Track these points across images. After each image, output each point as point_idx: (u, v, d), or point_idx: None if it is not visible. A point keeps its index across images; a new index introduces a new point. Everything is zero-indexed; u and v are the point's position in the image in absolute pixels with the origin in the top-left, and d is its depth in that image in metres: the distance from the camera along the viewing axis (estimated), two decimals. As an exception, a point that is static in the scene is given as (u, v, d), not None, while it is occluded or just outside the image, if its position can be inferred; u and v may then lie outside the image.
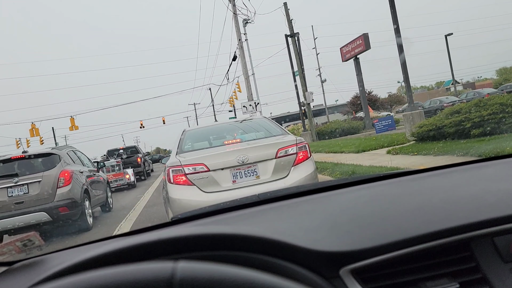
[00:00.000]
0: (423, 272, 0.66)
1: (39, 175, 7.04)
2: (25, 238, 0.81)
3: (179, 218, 1.06)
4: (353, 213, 0.81)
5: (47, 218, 6.78)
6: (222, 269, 0.31)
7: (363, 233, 0.69)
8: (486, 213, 0.69)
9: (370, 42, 24.12)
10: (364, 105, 25.73)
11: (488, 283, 0.64)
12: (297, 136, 4.93)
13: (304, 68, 24.71)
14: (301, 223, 0.78)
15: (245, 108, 18.53)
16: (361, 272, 0.64)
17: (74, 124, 28.96)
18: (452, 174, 1.01)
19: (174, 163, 4.41)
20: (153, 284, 0.30)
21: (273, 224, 0.80)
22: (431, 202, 0.79)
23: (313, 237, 0.69)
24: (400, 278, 0.65)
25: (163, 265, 0.32)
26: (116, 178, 14.65)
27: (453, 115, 9.71)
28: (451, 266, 0.66)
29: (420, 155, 8.74)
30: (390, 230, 0.69)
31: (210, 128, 6.10)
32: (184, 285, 0.30)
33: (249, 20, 20.27)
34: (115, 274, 0.31)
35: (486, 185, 0.85)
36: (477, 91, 28.17)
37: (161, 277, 0.31)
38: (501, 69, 69.27)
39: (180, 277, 0.31)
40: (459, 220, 0.68)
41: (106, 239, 0.92)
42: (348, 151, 12.98)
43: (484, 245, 0.67)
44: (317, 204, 0.92)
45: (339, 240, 0.68)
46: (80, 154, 9.24)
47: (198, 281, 0.30)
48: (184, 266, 0.32)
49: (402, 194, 0.89)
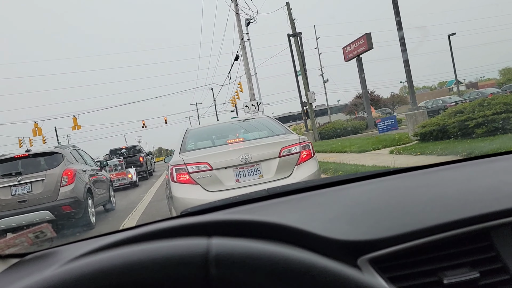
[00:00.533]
0: (442, 261, 0.65)
1: (42, 174, 7.05)
2: (37, 230, 0.81)
3: (189, 212, 1.06)
4: (367, 205, 0.80)
5: (50, 217, 6.80)
6: (258, 246, 0.31)
7: (380, 223, 0.69)
8: (505, 203, 0.68)
9: (372, 41, 24.08)
10: (366, 105, 25.69)
11: (509, 272, 0.63)
12: (300, 136, 4.92)
13: (307, 68, 24.70)
14: (314, 214, 0.77)
15: (247, 108, 18.52)
16: (380, 262, 0.64)
17: (76, 124, 29.03)
18: (464, 168, 1.00)
19: (178, 162, 4.41)
20: (188, 259, 0.30)
21: (285, 215, 0.80)
22: (447, 193, 0.78)
23: (329, 226, 0.68)
24: (419, 267, 0.64)
25: (197, 241, 0.31)
26: (118, 177, 14.67)
27: (456, 114, 9.68)
28: (471, 256, 0.65)
29: (424, 155, 8.71)
30: (408, 220, 0.68)
31: (213, 127, 6.10)
32: (220, 260, 0.30)
33: (252, 19, 20.27)
34: (148, 249, 0.30)
35: (502, 177, 0.84)
36: (480, 91, 28.11)
37: (197, 252, 0.30)
38: (504, 69, 69.04)
39: (215, 253, 0.30)
40: (478, 210, 0.67)
41: (119, 232, 0.91)
42: (351, 151, 12.95)
43: (504, 234, 0.66)
44: (329, 197, 0.91)
45: (356, 230, 0.67)
46: (83, 153, 9.25)
47: (234, 257, 0.30)
48: (219, 242, 0.31)
49: (416, 186, 0.89)
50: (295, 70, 24.96)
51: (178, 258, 0.30)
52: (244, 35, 20.34)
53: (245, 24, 20.52)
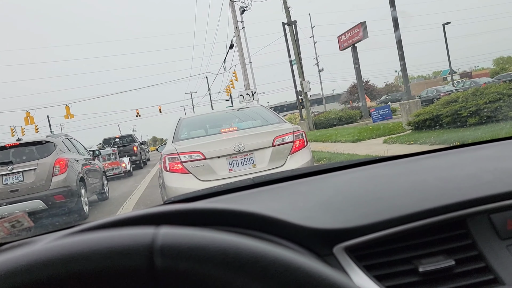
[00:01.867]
0: (418, 249, 0.65)
1: (34, 163, 7.00)
2: (13, 219, 0.79)
3: (172, 201, 1.05)
4: (347, 193, 0.80)
5: (42, 206, 6.77)
6: (207, 234, 0.30)
7: (358, 211, 0.68)
8: (482, 191, 0.68)
9: (368, 30, 23.97)
10: (361, 94, 25.69)
11: (484, 259, 0.63)
12: (294, 125, 4.91)
13: (302, 57, 24.57)
14: (295, 203, 0.76)
15: (242, 97, 18.46)
16: (355, 250, 0.63)
17: (69, 113, 28.76)
18: (448, 156, 1.00)
19: (170, 151, 4.39)
20: (132, 249, 0.29)
21: (266, 203, 0.79)
22: (426, 180, 0.78)
23: (307, 215, 0.67)
24: (395, 255, 0.64)
25: (143, 231, 0.30)
26: (112, 166, 14.62)
27: (450, 104, 9.72)
28: (447, 244, 0.65)
29: (417, 144, 8.76)
30: (385, 208, 0.68)
31: (206, 116, 6.07)
32: (165, 250, 0.29)
33: (246, 7, 20.07)
34: (91, 239, 0.29)
35: (483, 165, 0.84)
36: (474, 81, 28.20)
37: (141, 242, 0.29)
38: (498, 58, 69.21)
39: (161, 242, 0.29)
40: (455, 198, 0.67)
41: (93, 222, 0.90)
42: (345, 140, 12.98)
43: (481, 222, 0.66)
44: (312, 186, 0.91)
45: (333, 218, 0.66)
46: (76, 142, 9.19)
47: (181, 247, 0.29)
48: (167, 232, 0.30)
49: (397, 174, 0.88)
50: (290, 59, 24.83)
51: (121, 248, 0.28)
52: (238, 23, 20.17)
53: (239, 12, 20.32)
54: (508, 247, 0.64)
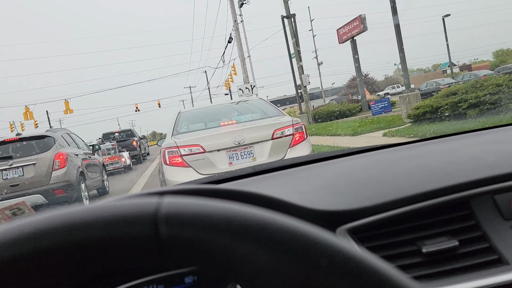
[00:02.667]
0: (421, 231, 0.64)
1: (33, 158, 7.00)
2: (14, 207, 0.79)
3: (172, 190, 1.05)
4: (349, 177, 0.79)
5: (42, 201, 6.78)
6: (212, 203, 0.29)
7: (360, 193, 0.68)
8: (486, 172, 0.67)
9: (367, 23, 23.86)
10: (360, 87, 25.64)
11: (488, 240, 0.63)
12: (294, 118, 4.91)
13: (301, 51, 24.48)
14: (296, 187, 0.76)
15: (241, 91, 18.42)
16: (358, 232, 0.63)
17: (68, 108, 28.71)
18: (450, 141, 1.00)
19: (170, 145, 4.39)
20: (136, 217, 0.28)
21: (268, 188, 0.79)
22: (429, 163, 0.78)
23: (309, 198, 0.67)
24: (398, 237, 0.63)
25: (148, 200, 0.30)
26: (111, 161, 14.62)
27: (449, 96, 9.70)
28: (451, 225, 0.65)
29: (416, 137, 8.76)
30: (388, 190, 0.67)
31: (206, 110, 6.06)
32: (170, 218, 0.28)
33: (245, 1, 19.96)
34: (94, 208, 0.29)
35: (485, 147, 0.83)
36: (474, 73, 28.14)
37: (145, 211, 0.29)
38: (498, 51, 69.03)
39: (166, 211, 0.29)
40: (458, 179, 0.66)
41: None
42: (345, 133, 12.98)
43: (484, 203, 0.66)
44: (314, 171, 0.90)
45: (335, 201, 0.66)
46: (75, 137, 9.18)
47: (186, 214, 0.28)
48: (171, 201, 0.30)
49: (399, 158, 0.88)
50: (289, 52, 24.75)
51: (125, 217, 0.28)
52: (237, 17, 20.07)
53: (238, 5, 20.21)
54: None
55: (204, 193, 0.55)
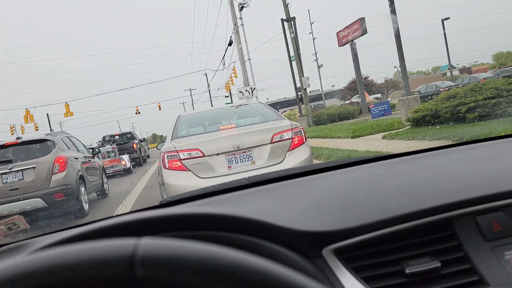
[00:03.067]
0: (405, 251, 0.66)
1: (33, 161, 7.01)
2: (10, 222, 0.81)
3: (168, 201, 1.06)
4: (338, 194, 0.81)
5: (42, 204, 6.78)
6: (187, 245, 0.31)
7: (347, 213, 0.69)
8: (468, 193, 0.69)
9: (366, 26, 23.91)
10: (360, 90, 25.66)
11: (470, 261, 0.64)
12: (293, 121, 4.92)
13: (301, 53, 24.52)
14: (286, 204, 0.77)
15: (241, 93, 18.44)
16: (344, 252, 0.64)
17: (69, 110, 28.75)
18: (439, 156, 1.01)
19: (169, 149, 4.40)
20: (114, 260, 0.30)
21: (259, 205, 0.80)
22: (414, 182, 0.79)
23: (297, 217, 0.68)
24: (382, 257, 0.65)
25: (125, 242, 0.31)
26: (111, 164, 14.64)
27: (448, 99, 9.71)
28: (434, 245, 0.66)
29: (416, 139, 8.76)
30: (373, 209, 0.69)
31: (205, 114, 6.08)
32: (146, 261, 0.30)
33: (245, 4, 20.01)
34: (75, 250, 0.30)
35: (472, 166, 0.85)
36: (473, 76, 28.17)
37: (122, 253, 0.30)
38: (498, 53, 69.08)
39: (142, 254, 0.30)
40: (442, 200, 0.68)
41: (92, 222, 0.91)
42: (344, 136, 12.99)
43: (467, 224, 0.67)
44: (305, 186, 0.92)
45: (322, 220, 0.67)
46: (75, 140, 9.19)
47: (160, 258, 0.30)
48: (147, 243, 0.31)
49: (387, 175, 0.89)
50: (289, 55, 24.79)
51: (103, 259, 0.30)
52: (237, 20, 20.11)
53: (238, 9, 20.26)
54: (494, 249, 0.65)
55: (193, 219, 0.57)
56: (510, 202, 0.68)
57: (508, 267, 0.62)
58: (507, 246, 0.65)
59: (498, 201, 0.68)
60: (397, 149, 7.88)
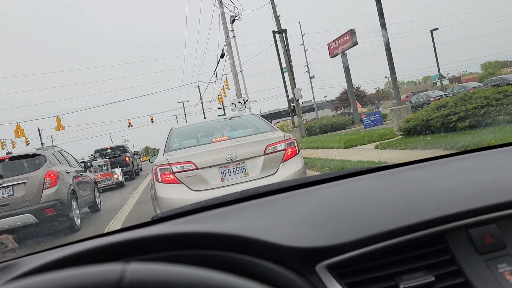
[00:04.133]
0: (399, 265, 0.65)
1: (24, 177, 6.92)
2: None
3: (160, 217, 1.05)
4: (331, 208, 0.80)
5: (33, 220, 6.68)
6: (175, 270, 0.30)
7: (340, 228, 0.69)
8: (461, 205, 0.69)
9: (357, 38, 24.22)
10: (352, 100, 25.87)
11: (463, 275, 0.63)
12: (286, 133, 4.93)
13: (293, 65, 24.73)
14: (279, 219, 0.77)
15: (234, 105, 18.48)
16: (338, 268, 0.64)
17: (60, 124, 28.53)
18: (431, 167, 1.01)
19: (162, 162, 4.38)
20: (102, 287, 0.29)
21: (251, 221, 0.79)
22: (408, 195, 0.79)
23: (290, 233, 0.68)
24: (376, 272, 0.64)
25: (112, 268, 0.31)
26: (104, 178, 14.51)
27: (439, 109, 9.82)
28: (427, 259, 0.66)
29: (408, 149, 8.82)
30: (367, 224, 0.68)
31: (198, 126, 6.08)
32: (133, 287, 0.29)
33: (237, 17, 20.20)
34: (61, 278, 0.29)
35: (463, 177, 0.85)
36: (463, 85, 28.58)
37: (110, 280, 0.29)
38: (486, 63, 70.32)
39: (129, 280, 0.29)
40: (434, 213, 0.67)
41: (81, 241, 0.90)
42: (337, 146, 13.04)
43: (459, 237, 0.67)
44: (297, 200, 0.91)
45: (315, 236, 0.67)
46: (66, 154, 9.11)
47: (148, 284, 0.29)
48: (135, 268, 0.30)
49: (380, 187, 0.89)
50: (281, 67, 24.99)
51: (91, 286, 0.29)
52: (229, 32, 20.26)
53: (230, 21, 20.43)
54: (487, 262, 0.65)
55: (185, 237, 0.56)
56: (502, 214, 0.68)
57: (502, 280, 0.62)
58: (500, 259, 0.65)
59: (490, 214, 0.68)
60: (390, 159, 7.91)
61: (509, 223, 0.68)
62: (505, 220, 0.68)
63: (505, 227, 0.68)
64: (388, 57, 12.26)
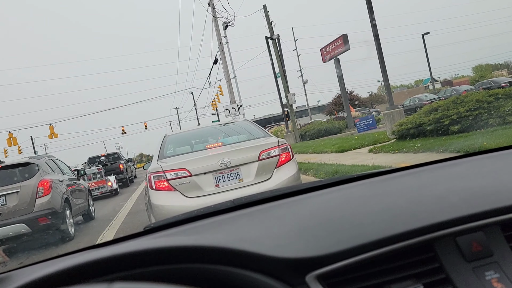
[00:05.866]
0: (388, 274, 0.66)
1: (17, 186, 6.86)
2: (-12, 255, 0.78)
3: (152, 228, 1.05)
4: (322, 217, 0.81)
5: (26, 230, 6.60)
6: None
7: (330, 237, 0.69)
8: (448, 213, 0.70)
9: (349, 42, 24.40)
10: (345, 105, 26.00)
11: (452, 283, 0.64)
12: (280, 138, 4.94)
13: (286, 70, 24.83)
14: (270, 229, 0.77)
15: (227, 111, 18.49)
16: (327, 277, 0.64)
17: (53, 132, 28.35)
18: (421, 174, 1.02)
19: (156, 169, 4.36)
20: None
21: (242, 231, 0.80)
22: (397, 203, 0.80)
23: (280, 243, 0.68)
24: (365, 281, 0.65)
25: None
26: (98, 185, 14.40)
27: (432, 112, 9.89)
28: (416, 268, 0.67)
29: (401, 153, 8.87)
30: (356, 233, 0.69)
31: (192, 132, 6.07)
32: None
33: (229, 23, 20.26)
34: None
35: (451, 184, 0.86)
36: (455, 88, 28.89)
37: None
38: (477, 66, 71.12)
39: None
40: (422, 221, 0.68)
41: (72, 253, 0.89)
42: (331, 151, 13.09)
43: (447, 245, 0.68)
44: (289, 209, 0.92)
45: (305, 246, 0.67)
46: (60, 162, 9.05)
47: None
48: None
49: (370, 195, 0.90)
50: (274, 72, 25.09)
51: None
52: (222, 38, 20.31)
53: (223, 27, 20.50)
54: (474, 269, 0.65)
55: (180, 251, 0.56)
56: (488, 222, 0.69)
57: (489, 287, 0.62)
58: (487, 267, 0.65)
59: (476, 221, 0.69)
60: (383, 162, 7.95)
61: (496, 230, 0.70)
62: (491, 227, 0.69)
63: (491, 234, 0.69)
64: (380, 62, 12.36)
